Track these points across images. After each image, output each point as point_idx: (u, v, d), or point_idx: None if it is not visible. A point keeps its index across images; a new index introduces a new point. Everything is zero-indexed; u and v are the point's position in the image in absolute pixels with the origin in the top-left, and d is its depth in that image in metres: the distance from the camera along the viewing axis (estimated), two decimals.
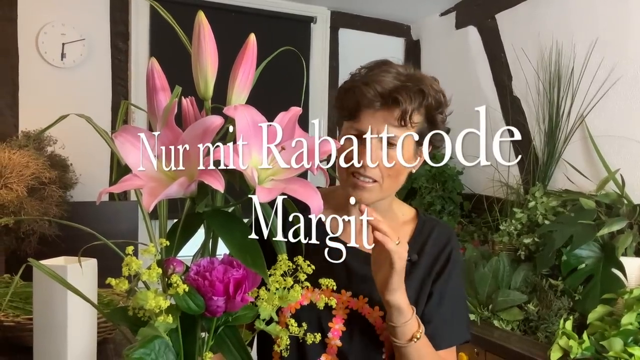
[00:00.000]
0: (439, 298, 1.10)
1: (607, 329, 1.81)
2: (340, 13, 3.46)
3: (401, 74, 1.04)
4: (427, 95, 1.02)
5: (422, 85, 1.02)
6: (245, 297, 0.69)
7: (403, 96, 0.99)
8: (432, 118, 1.05)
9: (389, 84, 1.01)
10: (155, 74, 0.73)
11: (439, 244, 1.14)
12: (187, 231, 0.73)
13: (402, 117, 1.00)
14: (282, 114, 0.71)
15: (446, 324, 1.10)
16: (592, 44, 2.46)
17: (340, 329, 1.08)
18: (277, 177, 0.69)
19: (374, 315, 1.08)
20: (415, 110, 1.01)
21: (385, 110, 1.01)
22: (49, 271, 0.77)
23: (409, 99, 1.00)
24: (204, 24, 0.72)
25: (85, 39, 2.81)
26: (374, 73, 1.04)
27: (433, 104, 1.03)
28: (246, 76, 0.76)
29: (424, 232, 1.16)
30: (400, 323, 0.97)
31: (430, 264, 1.12)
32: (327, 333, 1.08)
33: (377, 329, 1.08)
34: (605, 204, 2.23)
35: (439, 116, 1.05)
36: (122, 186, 0.69)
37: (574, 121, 2.55)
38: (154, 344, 0.68)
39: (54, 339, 1.29)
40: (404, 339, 0.98)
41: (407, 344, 0.98)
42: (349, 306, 1.09)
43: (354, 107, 1.03)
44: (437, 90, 1.05)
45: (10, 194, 2.05)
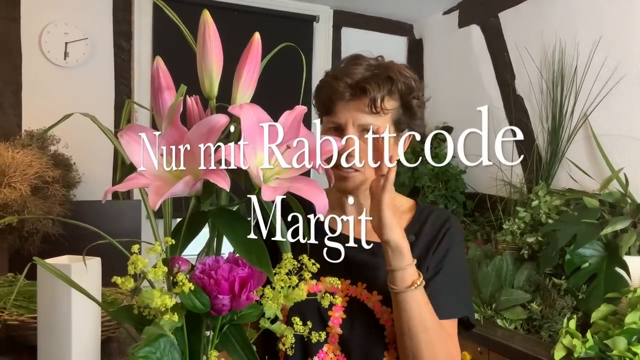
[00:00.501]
0: (436, 270, 1.11)
1: (610, 328, 1.81)
2: (343, 12, 3.46)
3: (371, 65, 1.09)
4: (396, 81, 1.06)
5: (390, 72, 1.07)
6: (251, 295, 0.69)
7: (371, 84, 1.04)
8: (407, 103, 1.09)
9: (357, 75, 1.06)
10: (160, 72, 0.73)
11: (437, 224, 1.15)
12: (192, 230, 0.73)
13: (373, 105, 1.04)
14: (287, 113, 0.71)
15: (442, 295, 1.09)
16: (595, 43, 2.45)
17: (340, 317, 1.09)
18: (282, 175, 0.69)
19: (372, 300, 1.08)
20: (385, 97, 1.05)
21: (356, 100, 1.06)
22: (53, 270, 0.77)
23: (377, 87, 1.05)
24: (209, 23, 0.71)
25: (88, 38, 2.82)
26: (344, 67, 1.10)
27: (403, 89, 1.07)
28: (251, 75, 0.76)
29: (422, 217, 1.17)
30: (400, 266, 0.97)
31: (428, 242, 1.13)
32: (327, 322, 1.09)
33: (377, 313, 1.08)
34: (608, 203, 2.23)
35: (414, 101, 1.09)
36: (128, 185, 0.69)
37: (577, 120, 2.55)
38: (159, 343, 0.68)
39: (58, 338, 1.29)
40: (404, 284, 0.98)
41: (406, 290, 0.98)
42: (348, 294, 1.10)
43: (327, 102, 1.09)
44: (406, 75, 1.09)
45: (14, 193, 2.05)
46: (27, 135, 2.50)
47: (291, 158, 0.67)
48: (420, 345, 1.00)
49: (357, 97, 1.05)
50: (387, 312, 1.08)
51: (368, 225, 0.99)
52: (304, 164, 0.67)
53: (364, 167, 1.05)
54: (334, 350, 1.09)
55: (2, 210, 2.05)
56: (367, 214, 1.14)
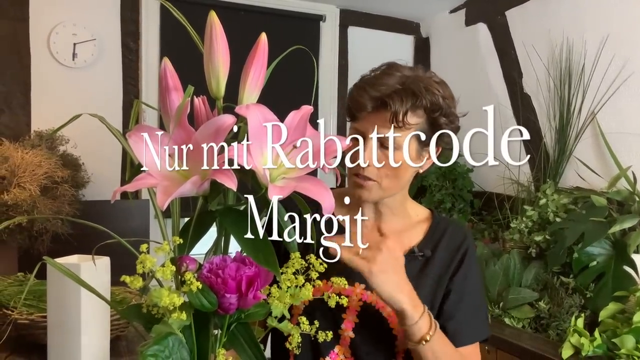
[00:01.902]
0: (459, 295, 1.11)
1: (618, 327, 1.80)
2: (350, 11, 3.46)
3: (403, 76, 1.05)
4: (420, 97, 1.02)
5: (416, 88, 1.02)
6: (258, 294, 0.69)
7: (393, 99, 1.01)
8: (433, 120, 1.04)
9: (382, 88, 1.03)
10: (168, 73, 0.74)
11: (455, 242, 1.14)
12: (200, 229, 0.74)
13: (395, 119, 1.01)
14: (293, 113, 0.72)
15: (467, 321, 1.10)
16: (603, 41, 2.44)
17: (353, 321, 1.09)
18: (289, 175, 0.70)
19: (387, 310, 1.08)
20: (408, 112, 1.01)
21: (378, 113, 1.03)
22: (64, 269, 0.78)
23: (400, 102, 1.01)
24: (216, 23, 0.72)
25: (96, 39, 2.83)
26: (374, 76, 1.07)
27: (429, 106, 1.03)
28: (257, 75, 0.76)
29: (438, 230, 1.16)
30: (407, 325, 0.97)
31: (446, 261, 1.13)
32: (340, 325, 1.09)
33: (391, 323, 1.08)
34: (616, 201, 2.22)
35: (442, 119, 1.05)
36: (136, 185, 0.69)
37: (585, 118, 2.54)
38: (168, 341, 0.69)
39: (68, 337, 1.31)
40: (414, 339, 0.98)
41: (417, 345, 0.98)
42: (363, 298, 1.09)
43: (353, 109, 1.07)
44: (434, 92, 1.04)
45: (24, 193, 2.07)
46: (36, 135, 2.52)
47: (297, 158, 0.68)
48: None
49: (379, 110, 1.03)
50: None
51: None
52: (307, 164, 0.68)
53: (380, 179, 1.04)
54: (345, 352, 1.09)
55: (12, 210, 2.07)
56: (386, 220, 1.15)
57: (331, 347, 1.09)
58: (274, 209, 0.63)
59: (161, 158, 0.69)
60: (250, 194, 0.72)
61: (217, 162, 0.66)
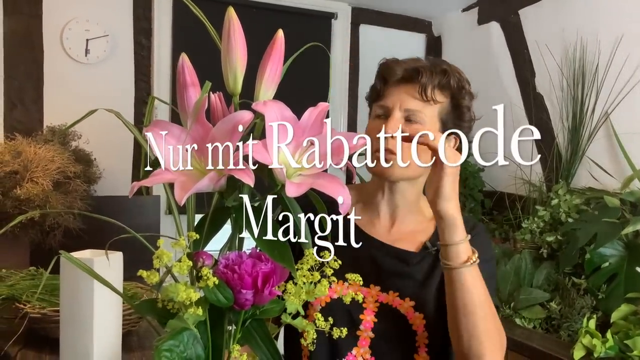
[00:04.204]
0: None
1: (631, 328, 1.79)
2: (361, 9, 3.45)
3: (429, 60, 1.12)
4: (450, 75, 1.07)
5: (445, 66, 1.09)
6: (273, 290, 0.69)
7: (425, 71, 1.06)
8: (457, 102, 1.09)
9: (413, 61, 1.10)
10: (185, 69, 0.74)
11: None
12: (215, 225, 0.74)
13: (424, 91, 1.05)
14: (310, 110, 0.72)
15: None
16: (617, 40, 2.42)
17: (372, 321, 1.08)
18: (305, 172, 0.70)
19: (405, 306, 1.08)
20: (436, 88, 1.06)
21: (407, 84, 1.07)
22: (79, 263, 0.78)
23: (430, 75, 1.06)
24: (234, 19, 0.72)
25: (108, 35, 2.84)
26: (403, 59, 1.13)
27: (455, 87, 1.08)
28: (274, 72, 0.76)
29: None
30: (454, 240, 0.94)
31: None
32: (358, 325, 1.08)
33: (410, 319, 1.08)
34: (629, 202, 2.20)
35: (463, 101, 1.09)
36: (154, 180, 0.69)
37: (598, 118, 2.52)
38: (183, 336, 0.69)
39: (80, 331, 1.31)
40: (459, 260, 0.95)
41: (462, 266, 0.95)
42: (379, 300, 1.09)
43: (380, 84, 1.11)
44: (461, 75, 1.10)
45: (36, 188, 2.08)
46: (48, 130, 2.53)
47: (314, 155, 0.68)
48: (476, 321, 0.97)
49: (409, 81, 1.07)
50: (419, 317, 1.08)
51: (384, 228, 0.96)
52: (320, 162, 0.67)
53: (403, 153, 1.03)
54: (364, 354, 1.08)
55: (25, 204, 2.08)
56: (402, 217, 1.14)
57: (349, 349, 1.08)
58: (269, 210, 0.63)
59: (180, 154, 0.69)
60: (265, 191, 0.72)
61: (233, 158, 0.66)
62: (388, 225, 1.15)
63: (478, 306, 0.97)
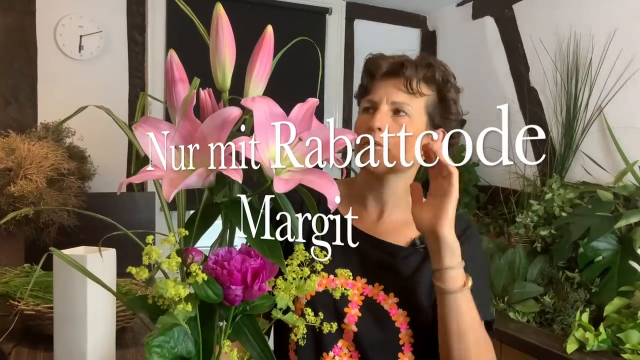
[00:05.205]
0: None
1: (623, 322, 1.80)
2: (356, 4, 3.44)
3: (415, 55, 1.14)
4: (435, 68, 1.09)
5: (431, 60, 1.11)
6: (263, 286, 0.70)
7: (410, 64, 1.08)
8: (443, 95, 1.11)
9: (399, 57, 1.12)
10: (174, 66, 0.74)
11: (456, 230, 1.13)
12: (205, 221, 0.74)
13: (409, 84, 1.07)
14: (299, 106, 0.72)
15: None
16: (610, 35, 2.43)
17: (356, 315, 1.08)
18: (294, 168, 0.70)
19: (389, 302, 1.08)
20: (421, 81, 1.08)
21: (393, 78, 1.09)
22: (70, 260, 0.78)
23: (415, 68, 1.08)
24: (222, 15, 0.72)
25: (102, 32, 2.83)
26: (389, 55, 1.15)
27: (441, 80, 1.10)
28: (263, 68, 0.76)
29: None
30: (452, 264, 0.95)
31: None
32: (343, 319, 1.08)
33: (393, 316, 1.08)
34: (623, 196, 2.21)
35: (449, 94, 1.11)
36: (142, 177, 0.70)
37: (592, 112, 2.52)
38: (173, 332, 0.70)
39: (74, 327, 1.31)
40: (456, 284, 0.95)
41: (460, 291, 0.96)
42: (364, 292, 1.09)
43: (367, 78, 1.13)
44: (446, 69, 1.12)
45: (30, 185, 2.08)
46: (42, 127, 2.52)
47: (303, 151, 0.68)
48: (469, 345, 0.98)
49: (395, 75, 1.09)
50: (402, 315, 1.08)
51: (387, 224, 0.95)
52: (315, 159, 0.68)
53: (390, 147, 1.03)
54: (349, 346, 1.09)
55: (19, 201, 2.08)
56: (390, 210, 1.14)
57: (334, 342, 1.08)
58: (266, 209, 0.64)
59: (167, 151, 0.69)
60: (254, 186, 0.72)
61: (219, 161, 0.66)
62: (375, 218, 1.16)
63: (471, 330, 0.98)
